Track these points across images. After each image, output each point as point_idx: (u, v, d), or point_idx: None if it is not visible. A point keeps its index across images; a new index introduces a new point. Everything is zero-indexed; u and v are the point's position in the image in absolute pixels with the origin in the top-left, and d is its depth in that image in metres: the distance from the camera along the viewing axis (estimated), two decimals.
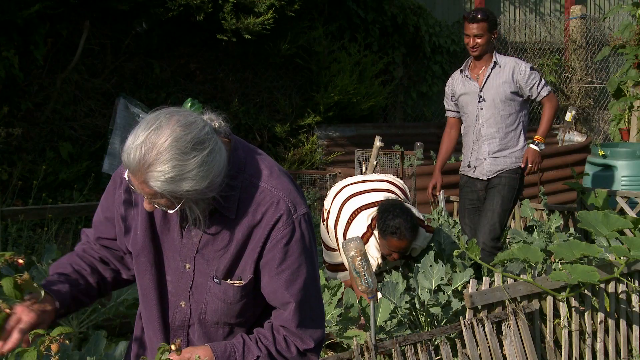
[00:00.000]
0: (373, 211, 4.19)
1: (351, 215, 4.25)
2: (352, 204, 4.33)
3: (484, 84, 4.75)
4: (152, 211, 1.83)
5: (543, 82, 4.75)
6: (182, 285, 1.89)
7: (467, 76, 4.82)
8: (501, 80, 4.70)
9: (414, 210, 4.29)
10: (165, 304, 1.93)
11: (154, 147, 1.64)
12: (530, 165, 4.68)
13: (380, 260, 4.19)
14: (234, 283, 1.86)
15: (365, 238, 4.14)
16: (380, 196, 4.33)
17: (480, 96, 4.76)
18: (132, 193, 1.89)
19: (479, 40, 4.67)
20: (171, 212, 1.74)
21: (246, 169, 1.82)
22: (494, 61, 4.74)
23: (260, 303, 1.91)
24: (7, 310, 1.71)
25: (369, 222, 4.16)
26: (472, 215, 4.85)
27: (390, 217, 4.04)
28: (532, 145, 4.72)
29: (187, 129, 1.68)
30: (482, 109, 4.76)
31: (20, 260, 1.74)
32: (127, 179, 1.73)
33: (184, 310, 1.91)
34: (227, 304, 1.87)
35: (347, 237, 4.15)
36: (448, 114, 5.09)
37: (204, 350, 1.80)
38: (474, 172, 4.84)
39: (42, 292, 1.81)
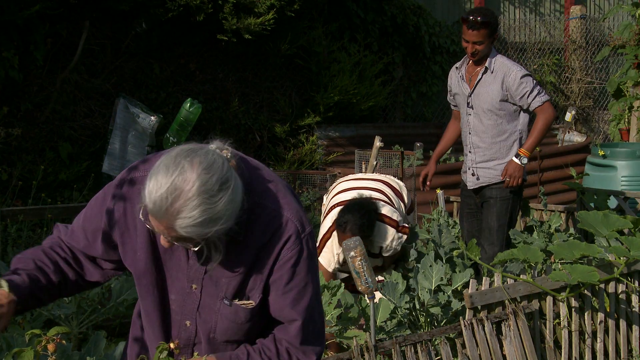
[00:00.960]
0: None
1: (327, 211, 4.31)
2: (334, 200, 4.38)
3: (473, 89, 4.52)
4: (152, 235, 1.83)
5: (536, 91, 4.41)
6: (188, 305, 1.89)
7: (461, 76, 4.61)
8: (490, 88, 4.44)
9: (387, 210, 4.25)
10: (169, 323, 1.92)
11: (181, 195, 1.63)
12: (507, 179, 4.43)
13: (340, 257, 4.18)
14: (244, 304, 1.86)
15: (329, 233, 4.18)
16: (354, 194, 4.35)
17: (468, 102, 4.55)
18: (128, 214, 1.87)
19: (478, 47, 4.41)
20: (195, 249, 1.74)
21: (253, 190, 1.81)
22: (486, 66, 4.47)
23: (267, 317, 1.93)
24: None
25: (336, 216, 4.18)
26: (470, 220, 4.70)
27: (343, 213, 4.04)
28: (514, 159, 4.44)
29: (211, 171, 1.66)
30: (469, 115, 4.56)
31: (61, 341, 1.74)
32: (142, 218, 1.72)
33: (190, 329, 1.91)
34: (237, 324, 1.88)
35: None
36: (452, 106, 4.86)
37: None
38: (464, 178, 4.71)
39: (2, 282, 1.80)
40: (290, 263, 1.85)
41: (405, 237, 4.33)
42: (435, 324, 3.82)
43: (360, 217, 4.06)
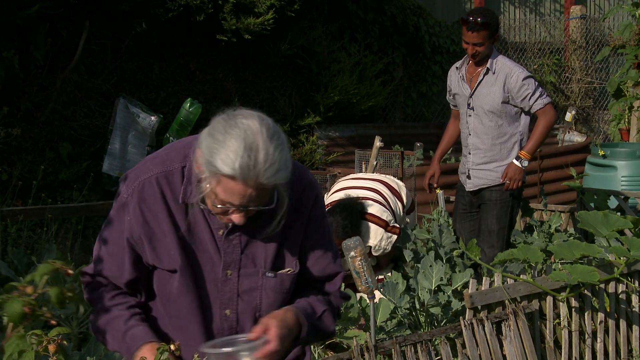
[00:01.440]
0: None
1: None
2: (327, 200, 4.38)
3: (474, 90, 4.48)
4: (179, 228, 1.84)
5: (538, 93, 4.37)
6: (226, 294, 1.89)
7: (462, 76, 4.56)
8: (491, 89, 4.40)
9: (375, 209, 4.23)
10: (209, 318, 1.91)
11: (259, 146, 1.68)
12: (507, 182, 4.40)
13: None
14: (288, 271, 1.91)
15: None
16: (342, 195, 4.34)
17: (469, 103, 4.50)
18: (148, 218, 1.85)
19: (479, 49, 4.36)
20: (272, 205, 1.78)
21: None
22: (487, 67, 4.42)
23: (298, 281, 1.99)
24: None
25: None
26: (464, 222, 4.65)
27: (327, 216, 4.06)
28: (514, 161, 4.41)
29: (262, 118, 1.74)
30: (470, 116, 4.51)
31: (70, 271, 1.74)
32: (205, 204, 1.76)
33: (230, 318, 1.91)
34: (282, 294, 1.92)
35: None
36: (451, 105, 4.82)
37: (285, 312, 1.88)
38: (462, 179, 4.67)
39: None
40: (321, 222, 1.96)
41: (395, 237, 4.30)
42: (435, 324, 3.82)
43: (343, 218, 4.03)
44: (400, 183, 4.80)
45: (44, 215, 4.91)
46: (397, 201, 4.58)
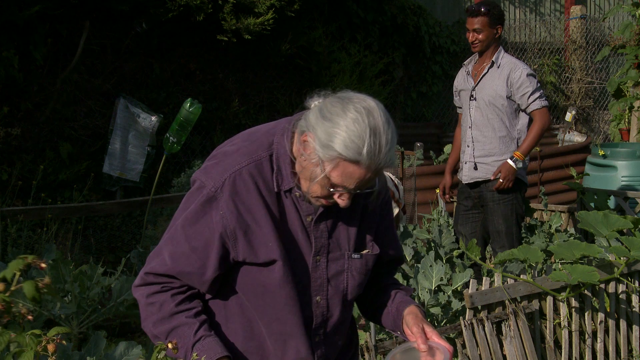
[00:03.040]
0: None
1: None
2: None
3: (477, 83, 4.51)
4: (275, 218, 1.83)
5: (538, 94, 4.40)
6: (318, 280, 1.90)
7: (467, 72, 4.60)
8: (495, 82, 4.44)
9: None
10: (303, 306, 1.90)
11: (381, 131, 1.69)
12: (500, 180, 4.39)
13: None
14: (370, 252, 1.95)
15: None
16: None
17: (472, 95, 4.53)
18: (242, 210, 1.81)
19: (478, 36, 4.41)
20: (373, 189, 1.82)
21: None
22: (492, 61, 4.47)
23: None
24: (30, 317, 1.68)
25: None
26: (465, 224, 4.65)
27: None
28: (508, 161, 4.41)
29: (379, 104, 1.75)
30: (471, 108, 4.53)
31: (43, 264, 1.72)
32: (327, 188, 1.76)
33: (321, 304, 1.92)
34: (365, 275, 1.95)
35: None
36: (457, 110, 4.84)
37: (418, 311, 1.95)
38: (459, 174, 4.67)
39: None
40: (391, 205, 2.04)
41: (398, 209, 4.29)
42: (436, 324, 3.82)
43: None
44: (397, 181, 4.80)
45: (44, 215, 4.91)
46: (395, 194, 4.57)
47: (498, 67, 4.46)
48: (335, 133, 1.68)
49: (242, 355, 1.91)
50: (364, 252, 1.94)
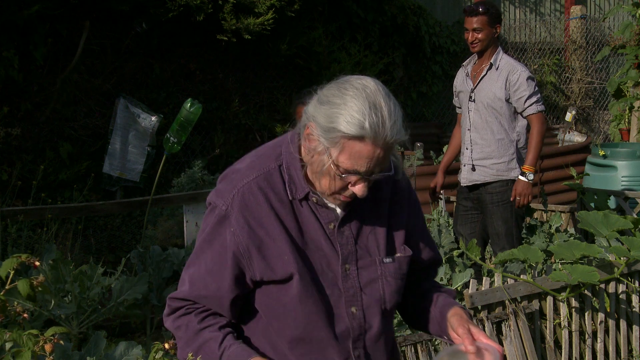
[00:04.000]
0: None
1: None
2: None
3: (477, 84, 4.49)
4: (290, 229, 1.74)
5: (535, 98, 4.35)
6: (349, 291, 1.79)
7: (467, 73, 4.57)
8: (493, 83, 4.41)
9: None
10: (336, 319, 1.78)
11: (382, 104, 1.65)
12: (518, 198, 4.38)
13: None
14: (402, 254, 1.85)
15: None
16: None
17: (471, 97, 4.50)
18: (253, 225, 1.74)
19: (478, 35, 4.37)
20: (390, 173, 1.75)
21: None
22: (491, 62, 4.43)
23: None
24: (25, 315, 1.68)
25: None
26: (464, 224, 4.63)
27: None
28: (520, 177, 4.39)
29: (378, 81, 1.71)
30: (470, 110, 4.51)
31: (37, 263, 1.72)
32: (340, 172, 1.67)
33: (357, 315, 1.80)
34: (401, 280, 1.85)
35: None
36: (457, 109, 4.81)
37: (462, 313, 1.84)
38: (459, 175, 4.65)
39: None
40: (419, 205, 1.93)
41: None
42: None
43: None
44: None
45: (44, 215, 4.90)
46: None
47: (497, 69, 4.43)
48: (335, 114, 1.64)
49: None
50: (396, 255, 1.84)
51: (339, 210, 1.80)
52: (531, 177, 4.39)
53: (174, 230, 5.93)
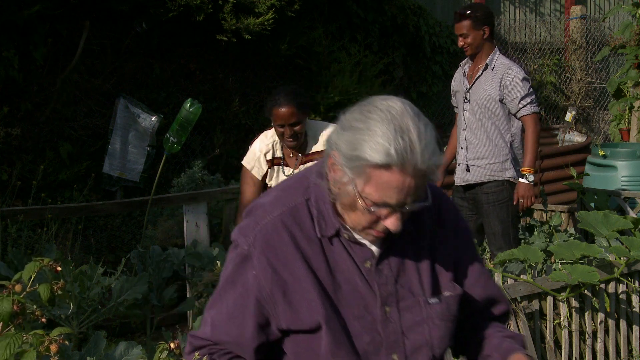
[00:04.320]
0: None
1: None
2: None
3: (472, 85, 4.50)
4: (318, 271, 1.57)
5: (529, 99, 4.36)
6: (390, 337, 1.59)
7: (463, 73, 4.60)
8: (488, 84, 4.42)
9: None
10: None
11: (410, 127, 1.46)
12: (521, 201, 4.39)
13: (276, 146, 3.83)
14: (452, 294, 1.64)
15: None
16: None
17: (466, 97, 4.52)
18: (274, 263, 1.58)
19: (466, 40, 4.41)
20: (426, 203, 1.53)
21: None
22: (487, 63, 4.45)
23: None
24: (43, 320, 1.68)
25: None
26: None
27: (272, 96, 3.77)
28: (521, 180, 4.40)
29: (406, 101, 1.54)
30: (466, 110, 4.52)
31: (59, 268, 1.72)
32: (370, 206, 1.49)
33: None
34: (451, 322, 1.64)
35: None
36: (454, 109, 4.83)
37: (520, 355, 1.64)
38: (455, 175, 4.65)
39: None
40: (468, 234, 1.73)
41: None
42: None
43: (294, 87, 3.82)
44: None
45: (44, 215, 4.90)
46: None
47: (492, 70, 4.44)
48: (358, 140, 1.47)
49: None
50: (444, 294, 1.63)
51: (374, 247, 1.62)
52: (531, 178, 4.39)
53: (174, 230, 5.93)
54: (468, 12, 4.41)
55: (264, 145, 3.84)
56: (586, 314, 3.82)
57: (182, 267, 4.68)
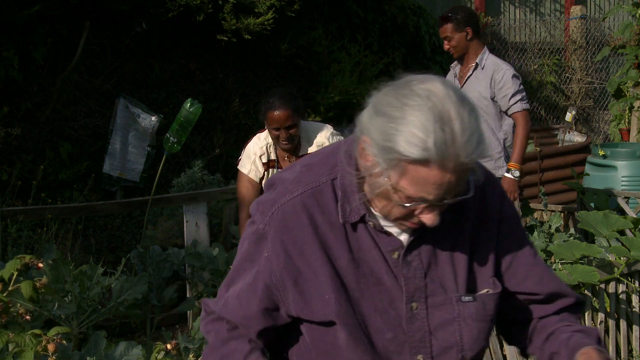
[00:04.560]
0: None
1: None
2: None
3: (463, 85, 4.50)
4: (337, 260, 1.44)
5: (519, 96, 4.34)
6: (416, 335, 1.45)
7: (455, 74, 4.62)
8: (479, 83, 4.42)
9: None
10: None
11: (450, 114, 1.28)
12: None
13: (270, 148, 3.84)
14: (489, 291, 1.48)
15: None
16: None
17: None
18: (289, 248, 1.45)
19: (450, 43, 4.47)
20: (467, 196, 1.37)
21: None
22: (476, 62, 4.46)
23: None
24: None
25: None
26: None
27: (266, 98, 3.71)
28: (506, 174, 4.37)
29: (450, 83, 1.36)
30: None
31: (40, 264, 1.71)
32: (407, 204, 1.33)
33: None
34: (486, 322, 1.48)
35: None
36: None
37: (591, 351, 1.44)
38: None
39: None
40: (517, 222, 1.53)
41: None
42: None
43: (288, 89, 3.85)
44: None
45: (44, 215, 4.90)
46: None
47: (482, 69, 4.45)
48: (392, 129, 1.29)
49: None
50: (480, 292, 1.47)
51: (403, 236, 1.46)
52: (517, 174, 4.38)
53: (174, 230, 5.93)
54: (449, 14, 4.47)
55: (258, 148, 3.83)
56: (586, 314, 3.82)
57: (182, 267, 4.68)
